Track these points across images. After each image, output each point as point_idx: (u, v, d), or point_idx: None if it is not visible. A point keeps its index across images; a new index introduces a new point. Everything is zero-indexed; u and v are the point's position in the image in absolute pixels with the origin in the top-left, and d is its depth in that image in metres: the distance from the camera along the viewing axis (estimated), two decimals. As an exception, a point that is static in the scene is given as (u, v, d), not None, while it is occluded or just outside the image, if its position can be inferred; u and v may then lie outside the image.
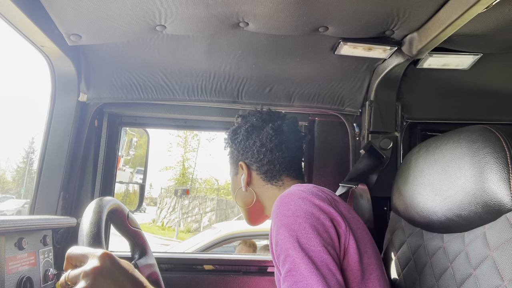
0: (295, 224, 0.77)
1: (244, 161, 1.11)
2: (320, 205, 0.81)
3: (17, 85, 76.46)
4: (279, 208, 0.82)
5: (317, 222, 0.78)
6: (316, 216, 0.78)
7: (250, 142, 1.10)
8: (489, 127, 0.79)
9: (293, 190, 0.85)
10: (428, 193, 0.92)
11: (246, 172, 1.10)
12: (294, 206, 0.80)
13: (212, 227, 4.37)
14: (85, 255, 0.61)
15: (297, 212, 0.79)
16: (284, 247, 0.76)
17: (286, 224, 0.78)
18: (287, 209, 0.80)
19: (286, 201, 0.82)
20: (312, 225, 0.77)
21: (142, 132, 1.73)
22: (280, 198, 0.84)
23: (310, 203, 0.80)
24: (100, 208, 0.92)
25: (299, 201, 0.81)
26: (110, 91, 1.38)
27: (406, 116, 1.45)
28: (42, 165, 1.32)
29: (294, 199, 0.81)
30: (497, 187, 0.72)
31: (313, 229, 0.76)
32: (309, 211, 0.79)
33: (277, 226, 0.79)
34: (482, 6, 0.89)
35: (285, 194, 0.84)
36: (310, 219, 0.78)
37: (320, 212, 0.79)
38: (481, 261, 0.74)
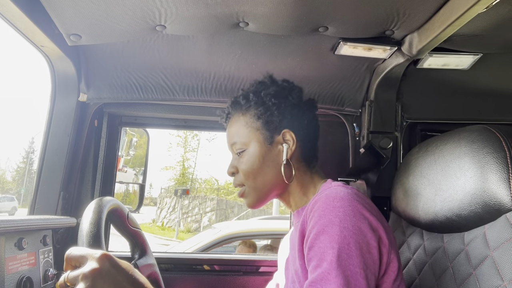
0: (340, 236, 0.71)
1: (291, 130, 0.95)
2: (369, 219, 0.74)
3: (18, 87, 76.43)
4: (325, 211, 0.75)
5: (363, 240, 0.71)
6: (363, 232, 0.72)
7: (299, 111, 0.97)
8: (489, 127, 0.79)
9: (341, 193, 0.77)
10: (428, 193, 0.92)
11: (294, 143, 0.94)
12: (343, 215, 0.73)
13: (212, 227, 4.37)
14: (84, 256, 0.60)
15: (345, 223, 0.72)
16: (320, 255, 0.71)
17: (330, 232, 0.72)
18: (334, 215, 0.73)
19: (334, 205, 0.75)
20: (358, 242, 0.71)
21: (142, 132, 1.73)
22: (327, 198, 0.77)
23: (360, 215, 0.73)
24: (100, 208, 0.92)
25: (349, 209, 0.74)
26: (110, 91, 1.38)
27: (406, 116, 1.45)
28: (42, 165, 1.32)
29: (344, 205, 0.74)
30: (497, 187, 0.72)
31: (357, 247, 0.70)
32: (358, 226, 0.72)
33: (318, 230, 0.73)
34: (482, 6, 0.89)
35: (333, 195, 0.77)
36: (357, 235, 0.71)
37: (368, 229, 0.73)
38: (481, 261, 0.74)
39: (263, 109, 0.96)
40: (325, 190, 0.83)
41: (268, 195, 0.98)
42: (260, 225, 4.21)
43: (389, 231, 0.78)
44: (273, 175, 0.95)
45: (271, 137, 0.95)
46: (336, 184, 0.87)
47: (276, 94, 0.97)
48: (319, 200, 0.78)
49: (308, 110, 1.01)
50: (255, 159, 0.95)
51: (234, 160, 1.00)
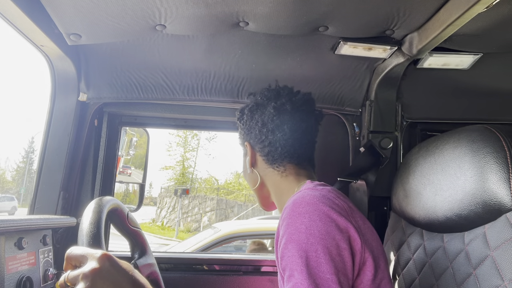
0: (307, 244, 0.70)
1: (249, 141, 1.06)
2: (337, 220, 0.73)
3: (18, 87, 76.44)
4: (291, 218, 0.74)
5: (331, 244, 0.71)
6: (331, 235, 0.71)
7: (253, 121, 1.05)
8: (489, 127, 0.79)
9: (308, 197, 0.77)
10: (428, 193, 0.92)
11: (250, 153, 1.05)
12: (309, 220, 0.72)
13: (212, 226, 4.37)
14: (84, 256, 0.60)
15: (311, 229, 0.71)
16: (290, 265, 0.70)
17: (297, 240, 0.71)
18: (300, 222, 0.73)
19: (300, 211, 0.74)
20: (326, 247, 0.70)
21: (142, 131, 1.73)
22: (293, 205, 0.77)
23: (326, 218, 0.73)
24: (99, 208, 0.92)
25: (315, 214, 0.73)
26: (110, 91, 1.38)
27: (406, 116, 1.45)
28: (42, 165, 1.32)
29: (309, 210, 0.74)
30: (497, 187, 0.72)
31: (325, 252, 0.69)
32: (325, 230, 0.71)
33: (286, 239, 0.73)
34: (482, 6, 0.89)
35: (299, 201, 0.77)
36: (324, 239, 0.71)
37: (336, 231, 0.72)
38: (481, 261, 0.74)
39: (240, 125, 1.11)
40: (293, 196, 0.82)
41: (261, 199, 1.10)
42: (260, 224, 4.21)
43: (363, 229, 0.78)
44: (250, 182, 1.09)
45: (244, 150, 1.11)
46: (306, 187, 0.86)
47: (240, 112, 1.11)
48: (288, 207, 0.78)
49: (262, 119, 1.03)
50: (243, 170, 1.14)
51: None
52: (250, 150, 1.05)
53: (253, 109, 1.06)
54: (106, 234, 1.44)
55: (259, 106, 1.05)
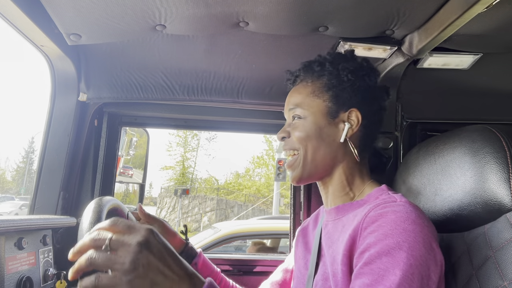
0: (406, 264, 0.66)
1: (359, 110, 0.89)
2: (436, 251, 0.69)
3: (19, 86, 76.53)
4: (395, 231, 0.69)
5: (426, 274, 0.67)
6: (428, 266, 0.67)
7: (370, 93, 0.92)
8: (489, 127, 0.79)
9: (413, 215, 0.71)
10: (428, 193, 0.92)
11: (357, 124, 0.89)
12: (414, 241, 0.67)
13: (212, 226, 4.37)
14: (132, 227, 0.58)
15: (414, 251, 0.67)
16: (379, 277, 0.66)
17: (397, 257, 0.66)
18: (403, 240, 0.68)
19: (405, 228, 0.69)
20: (421, 274, 0.66)
21: (142, 132, 1.73)
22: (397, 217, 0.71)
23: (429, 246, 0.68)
24: (99, 208, 0.92)
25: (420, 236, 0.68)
26: (110, 91, 1.38)
27: (406, 116, 1.44)
28: (42, 165, 1.32)
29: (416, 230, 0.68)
30: (497, 187, 0.72)
31: (419, 279, 0.65)
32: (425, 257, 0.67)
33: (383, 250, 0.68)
34: (482, 6, 0.89)
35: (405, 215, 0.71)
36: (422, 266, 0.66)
37: (433, 263, 0.68)
38: (482, 261, 0.74)
39: (336, 82, 0.91)
40: (388, 203, 0.76)
41: (314, 172, 0.91)
42: (260, 225, 4.21)
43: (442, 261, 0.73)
44: (325, 151, 0.89)
45: (336, 111, 0.90)
46: (402, 200, 0.77)
47: (354, 70, 0.91)
48: (385, 215, 0.72)
49: (381, 97, 0.95)
50: (313, 128, 0.90)
51: (288, 126, 0.95)
52: (357, 122, 0.89)
53: (372, 79, 0.93)
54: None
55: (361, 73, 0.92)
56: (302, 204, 1.58)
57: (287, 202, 15.57)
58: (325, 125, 0.90)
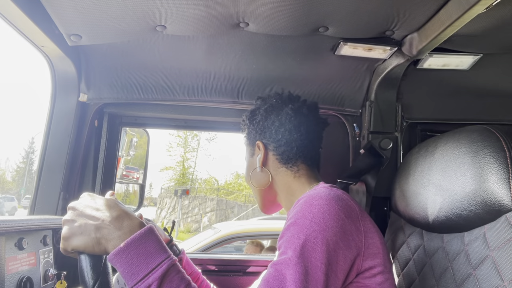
0: (308, 230, 0.73)
1: (262, 140, 1.07)
2: (344, 221, 0.75)
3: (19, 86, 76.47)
4: (301, 207, 0.78)
5: (331, 239, 0.73)
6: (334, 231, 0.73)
7: (268, 122, 1.06)
8: (489, 128, 0.79)
9: (323, 193, 0.79)
10: (428, 193, 0.92)
11: (263, 152, 1.05)
12: (318, 211, 0.75)
13: (212, 227, 4.37)
14: None
15: (317, 219, 0.74)
16: (286, 244, 0.73)
17: (300, 224, 0.75)
18: (308, 211, 0.76)
19: (312, 203, 0.77)
20: (326, 238, 0.72)
21: (142, 132, 1.73)
22: (307, 197, 0.80)
23: (334, 216, 0.75)
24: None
25: (325, 208, 0.76)
26: (110, 91, 1.38)
27: (406, 116, 1.45)
28: (42, 165, 1.32)
29: (321, 203, 0.77)
30: (497, 187, 0.72)
31: (324, 242, 0.72)
32: (329, 224, 0.74)
33: (291, 222, 0.77)
34: (482, 7, 0.89)
35: (313, 195, 0.80)
36: (326, 231, 0.73)
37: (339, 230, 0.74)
38: (481, 261, 0.74)
39: (246, 130, 1.13)
40: (311, 191, 0.86)
41: (265, 201, 1.10)
42: (260, 225, 4.21)
43: (371, 233, 0.80)
44: (257, 182, 1.08)
45: (252, 150, 1.11)
46: (323, 186, 0.88)
47: (250, 113, 1.12)
48: (301, 199, 0.82)
49: (280, 119, 1.06)
50: (247, 170, 1.13)
51: None
52: (263, 149, 1.06)
53: (269, 110, 1.08)
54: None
55: (274, 107, 1.08)
56: (302, 204, 1.58)
57: (287, 203, 15.51)
58: (250, 164, 1.11)
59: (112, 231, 0.71)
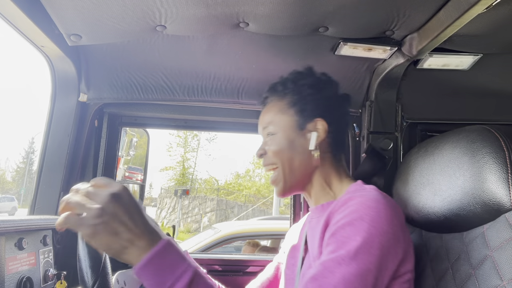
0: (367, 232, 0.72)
1: (324, 118, 0.96)
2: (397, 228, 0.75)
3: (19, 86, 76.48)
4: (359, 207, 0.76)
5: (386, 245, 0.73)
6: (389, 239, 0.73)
7: (336, 101, 1.01)
8: (488, 127, 0.79)
9: (377, 196, 0.78)
10: (427, 193, 0.92)
11: (323, 131, 0.96)
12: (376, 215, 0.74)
13: (212, 227, 4.37)
14: (109, 182, 0.67)
15: (375, 223, 0.73)
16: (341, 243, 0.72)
17: (358, 227, 0.73)
18: (366, 213, 0.74)
19: (369, 205, 0.76)
20: (382, 244, 0.72)
21: (142, 132, 1.73)
22: (362, 197, 0.78)
23: (391, 222, 0.75)
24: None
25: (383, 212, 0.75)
26: (110, 91, 1.38)
27: (406, 116, 1.45)
28: (42, 165, 1.32)
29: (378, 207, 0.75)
30: (496, 187, 0.72)
31: (379, 248, 0.71)
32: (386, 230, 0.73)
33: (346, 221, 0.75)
34: (482, 7, 0.89)
35: (369, 196, 0.78)
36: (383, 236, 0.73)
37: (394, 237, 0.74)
38: (481, 261, 0.74)
39: (298, 97, 0.99)
40: (359, 191, 0.84)
41: (295, 182, 0.97)
42: (260, 225, 4.21)
43: (409, 243, 0.80)
44: (300, 161, 0.96)
45: (302, 123, 0.97)
46: (372, 188, 0.86)
47: (312, 84, 1.00)
48: (353, 198, 0.79)
49: (342, 104, 1.03)
50: (284, 142, 0.97)
51: (264, 144, 1.02)
52: (324, 129, 0.96)
53: (336, 87, 1.03)
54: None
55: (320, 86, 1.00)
56: (302, 204, 1.58)
57: (288, 203, 15.57)
58: (294, 137, 0.97)
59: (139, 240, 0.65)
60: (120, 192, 0.64)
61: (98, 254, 0.80)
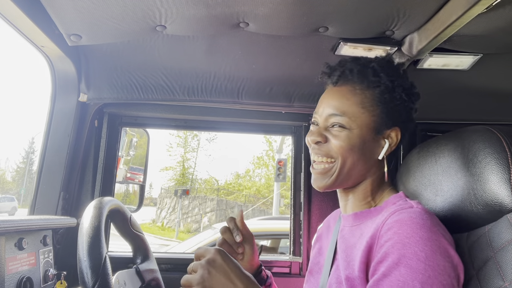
0: (424, 275, 0.66)
1: (399, 128, 0.89)
2: (453, 257, 0.70)
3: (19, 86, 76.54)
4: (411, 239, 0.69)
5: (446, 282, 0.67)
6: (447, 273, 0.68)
7: (411, 114, 0.92)
8: (490, 128, 0.79)
9: (428, 221, 0.72)
10: (429, 194, 0.92)
11: (395, 143, 0.89)
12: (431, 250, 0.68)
13: (212, 227, 4.37)
14: (205, 250, 0.78)
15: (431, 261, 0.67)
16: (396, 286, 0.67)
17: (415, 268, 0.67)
18: (420, 249, 0.68)
19: (422, 235, 0.69)
20: (441, 283, 0.66)
21: (142, 132, 1.73)
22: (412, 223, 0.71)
23: (445, 254, 0.69)
24: (100, 208, 0.92)
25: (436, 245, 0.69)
26: (110, 91, 1.38)
27: None
28: (42, 165, 1.32)
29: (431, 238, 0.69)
30: (498, 188, 0.72)
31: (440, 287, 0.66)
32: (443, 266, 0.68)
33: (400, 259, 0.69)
34: (482, 7, 0.89)
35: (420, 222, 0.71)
36: (441, 275, 0.67)
37: (451, 270, 0.69)
38: (483, 262, 0.74)
39: (389, 97, 0.87)
40: (405, 209, 0.76)
41: (345, 183, 0.89)
42: (260, 225, 4.21)
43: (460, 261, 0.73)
44: (363, 165, 0.87)
45: (381, 128, 0.87)
46: (419, 207, 0.78)
47: (407, 90, 0.89)
48: (402, 222, 0.72)
49: (413, 117, 0.94)
50: (358, 142, 0.85)
51: (325, 130, 0.89)
52: (396, 140, 0.89)
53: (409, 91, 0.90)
54: (107, 234, 1.44)
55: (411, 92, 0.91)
56: (302, 204, 1.58)
57: (287, 203, 15.55)
58: (368, 140, 0.86)
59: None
60: (214, 257, 0.75)
61: (98, 254, 0.80)
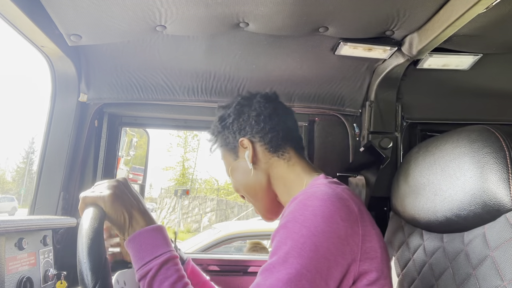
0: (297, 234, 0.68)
1: (244, 136, 0.99)
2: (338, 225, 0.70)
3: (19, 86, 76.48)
4: (296, 207, 0.73)
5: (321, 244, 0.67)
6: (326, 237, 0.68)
7: (244, 117, 1.01)
8: (489, 127, 0.79)
9: (319, 193, 0.74)
10: (428, 193, 0.92)
11: (250, 147, 0.97)
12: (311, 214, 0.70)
13: (212, 227, 4.37)
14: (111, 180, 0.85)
15: (308, 223, 0.69)
16: (275, 249, 0.70)
17: (290, 228, 0.70)
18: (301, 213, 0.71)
19: (306, 203, 0.72)
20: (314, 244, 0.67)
21: (142, 132, 1.73)
22: (304, 196, 0.75)
23: (329, 219, 0.70)
24: (100, 208, 0.91)
25: (319, 210, 0.70)
26: (110, 91, 1.38)
27: (406, 116, 1.45)
28: (42, 165, 1.32)
29: (315, 204, 0.71)
30: (497, 187, 0.72)
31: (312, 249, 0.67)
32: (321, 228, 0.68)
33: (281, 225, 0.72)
34: (482, 7, 0.89)
35: (311, 193, 0.74)
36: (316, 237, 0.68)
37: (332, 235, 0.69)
38: (481, 261, 0.74)
39: (219, 138, 1.07)
40: (309, 187, 0.81)
41: (267, 205, 1.02)
42: (260, 225, 4.21)
43: (369, 237, 0.74)
44: (249, 181, 1.00)
45: (234, 154, 1.03)
46: (322, 183, 0.81)
47: (219, 121, 1.06)
48: (297, 197, 0.76)
49: (255, 109, 1.02)
50: (233, 177, 1.04)
51: None
52: (249, 144, 0.98)
53: (238, 108, 1.03)
54: (106, 234, 1.44)
55: (243, 103, 1.04)
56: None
57: (287, 203, 15.48)
58: (236, 167, 1.03)
59: (139, 218, 0.81)
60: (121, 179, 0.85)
61: (98, 255, 0.80)
